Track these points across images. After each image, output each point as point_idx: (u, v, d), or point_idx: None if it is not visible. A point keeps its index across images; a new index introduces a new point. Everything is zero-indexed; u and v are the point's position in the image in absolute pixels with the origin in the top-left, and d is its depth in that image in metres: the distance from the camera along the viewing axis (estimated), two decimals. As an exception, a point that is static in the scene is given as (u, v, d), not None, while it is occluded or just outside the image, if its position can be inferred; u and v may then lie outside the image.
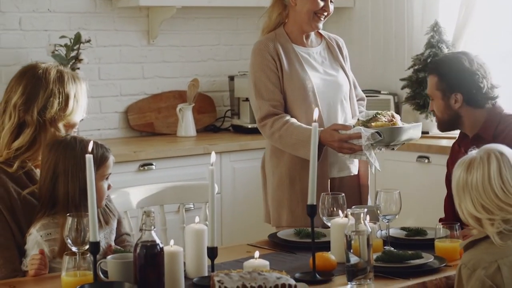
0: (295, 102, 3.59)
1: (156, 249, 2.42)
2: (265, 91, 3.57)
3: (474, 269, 2.48)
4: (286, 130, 3.50)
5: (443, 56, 3.64)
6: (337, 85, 3.67)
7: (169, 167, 4.79)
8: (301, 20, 3.62)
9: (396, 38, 5.70)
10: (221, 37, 5.73)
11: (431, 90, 3.46)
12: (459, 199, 2.54)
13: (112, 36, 5.26)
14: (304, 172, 3.54)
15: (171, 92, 5.51)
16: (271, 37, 3.65)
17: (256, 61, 3.61)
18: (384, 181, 5.01)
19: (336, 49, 3.75)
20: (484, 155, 2.53)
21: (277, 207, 3.66)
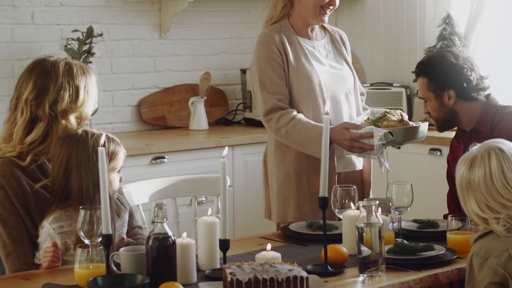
0: (301, 96, 3.55)
1: (168, 242, 2.43)
2: (271, 84, 3.52)
3: (485, 258, 2.49)
4: (294, 126, 3.46)
5: (427, 58, 3.67)
6: (342, 79, 3.65)
7: (181, 160, 4.81)
8: (307, 14, 3.58)
9: (408, 31, 5.69)
10: (233, 31, 5.73)
11: (423, 93, 3.48)
12: (463, 199, 2.55)
13: (124, 29, 5.27)
14: (311, 167, 3.53)
15: (183, 86, 5.52)
16: (276, 28, 3.59)
17: (262, 53, 3.55)
18: (396, 173, 5.01)
19: (339, 42, 3.72)
20: (485, 153, 2.53)
21: (283, 203, 3.61)
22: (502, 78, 5.18)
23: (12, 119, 2.95)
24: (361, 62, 5.97)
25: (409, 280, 2.57)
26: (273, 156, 3.65)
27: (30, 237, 2.85)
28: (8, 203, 2.84)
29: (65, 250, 2.79)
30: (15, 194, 2.85)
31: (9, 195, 2.85)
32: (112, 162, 2.87)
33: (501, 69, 5.18)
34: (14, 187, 2.85)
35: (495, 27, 5.20)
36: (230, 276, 2.33)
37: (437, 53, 3.59)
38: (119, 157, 2.90)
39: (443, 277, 2.64)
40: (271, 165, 3.67)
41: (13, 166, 2.88)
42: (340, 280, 2.59)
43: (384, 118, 3.45)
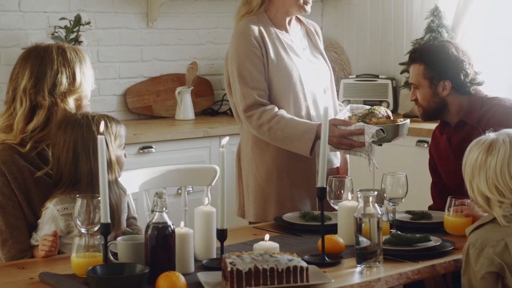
0: (281, 91, 3.44)
1: (167, 231, 2.42)
2: (250, 78, 3.40)
3: (482, 248, 2.52)
4: (278, 123, 3.36)
5: (427, 45, 3.64)
6: (319, 73, 3.57)
7: (169, 150, 4.79)
8: (289, 4, 3.47)
9: (395, 22, 5.69)
10: (220, 20, 5.71)
11: (416, 79, 3.43)
12: (472, 177, 2.57)
13: (112, 18, 5.24)
14: (291, 165, 3.47)
15: (170, 75, 5.50)
16: (253, 20, 3.46)
17: (241, 46, 3.41)
18: (384, 165, 5.01)
19: (315, 35, 3.64)
20: (507, 138, 2.57)
21: (263, 202, 3.52)
22: (489, 70, 5.19)
23: (10, 111, 2.93)
24: (347, 54, 5.97)
25: (407, 271, 2.57)
26: (250, 153, 3.54)
27: (27, 224, 2.84)
28: (7, 189, 2.83)
29: (67, 233, 2.79)
30: (15, 181, 2.83)
31: (8, 181, 2.83)
32: (118, 140, 2.92)
33: (488, 62, 5.19)
34: (14, 173, 2.84)
35: (482, 19, 5.22)
36: (230, 266, 2.32)
37: (438, 42, 3.57)
38: (121, 134, 2.95)
39: (441, 268, 2.65)
40: (247, 162, 3.57)
41: (13, 152, 2.86)
42: (338, 270, 2.58)
43: (371, 114, 3.41)
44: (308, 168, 3.48)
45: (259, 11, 3.50)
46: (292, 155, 3.44)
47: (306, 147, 3.34)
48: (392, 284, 2.52)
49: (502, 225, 2.55)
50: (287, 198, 3.49)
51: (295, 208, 3.42)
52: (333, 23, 6.00)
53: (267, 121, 3.37)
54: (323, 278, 2.43)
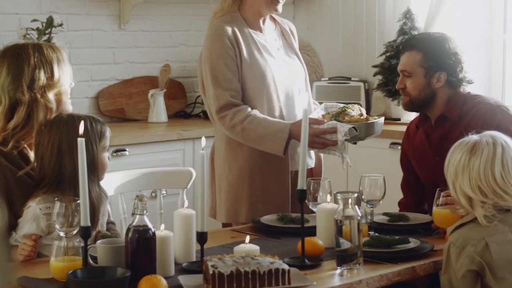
0: (255, 91, 3.42)
1: (148, 234, 2.40)
2: (223, 79, 3.38)
3: (463, 247, 2.54)
4: (250, 123, 3.34)
5: (426, 34, 3.53)
6: (294, 73, 3.55)
7: (142, 153, 4.76)
8: (259, 4, 3.45)
9: (367, 25, 5.71)
10: (192, 23, 5.69)
11: (411, 67, 3.33)
12: (455, 177, 2.59)
13: (84, 20, 5.20)
14: (264, 165, 3.45)
15: (142, 78, 5.47)
16: (227, 20, 3.43)
17: (214, 46, 3.39)
18: (357, 168, 5.03)
19: (290, 35, 3.62)
20: (490, 140, 2.59)
21: (234, 202, 3.49)
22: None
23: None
24: (319, 56, 5.98)
25: (387, 273, 2.57)
26: (223, 154, 3.52)
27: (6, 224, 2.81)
28: None
29: (48, 233, 2.76)
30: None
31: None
32: (102, 141, 2.91)
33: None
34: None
35: (454, 21, 5.25)
36: (212, 269, 2.31)
37: (436, 33, 3.46)
38: (106, 135, 2.93)
39: (420, 270, 2.66)
40: (220, 163, 3.55)
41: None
42: (318, 273, 2.58)
43: (344, 113, 3.39)
44: (280, 169, 3.47)
45: (233, 11, 3.48)
46: (265, 156, 3.43)
47: (279, 147, 3.33)
48: (373, 286, 2.53)
49: (483, 225, 2.57)
50: (259, 200, 3.47)
51: (267, 210, 3.40)
52: (305, 26, 6.00)
53: (240, 121, 3.35)
54: (304, 280, 2.42)
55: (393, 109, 5.25)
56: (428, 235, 3.01)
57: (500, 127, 2.95)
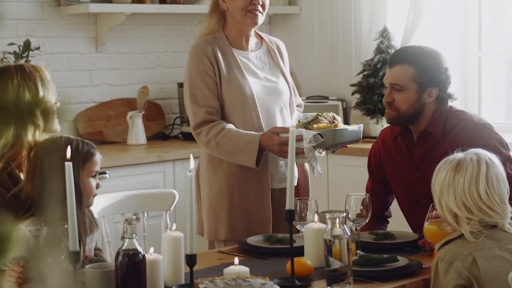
0: (233, 109, 3.45)
1: (138, 257, 2.39)
2: (201, 97, 3.43)
3: (451, 262, 2.55)
4: (224, 137, 3.37)
5: (417, 48, 3.44)
6: (277, 92, 3.56)
7: (122, 175, 4.73)
8: (238, 21, 3.48)
9: (343, 44, 5.73)
10: (169, 44, 5.69)
11: (404, 81, 3.27)
12: (441, 195, 2.60)
13: (60, 43, 5.18)
14: (242, 183, 3.46)
15: (120, 100, 5.45)
16: (209, 39, 3.50)
17: (193, 65, 3.46)
18: (337, 186, 5.04)
19: (276, 53, 3.63)
20: (474, 157, 2.60)
21: (214, 220, 3.51)
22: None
23: None
24: (296, 76, 5.99)
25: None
26: (205, 171, 3.55)
27: None
28: None
29: None
30: None
31: None
32: (87, 164, 2.86)
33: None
34: None
35: (430, 39, 5.28)
36: (203, 292, 2.30)
37: (429, 48, 3.40)
38: (94, 159, 2.89)
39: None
40: (203, 180, 3.57)
41: None
42: (309, 293, 2.58)
43: (315, 120, 3.37)
44: (260, 187, 3.47)
45: (216, 31, 3.52)
46: (244, 174, 3.44)
47: (251, 158, 3.35)
48: (364, 305, 2.52)
49: (470, 241, 2.58)
50: (239, 218, 3.48)
51: (247, 228, 3.42)
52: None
53: (214, 136, 3.38)
54: (296, 301, 2.41)
55: (371, 127, 5.26)
56: (414, 253, 3.01)
57: (487, 146, 2.95)
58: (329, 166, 5.09)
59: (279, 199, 3.46)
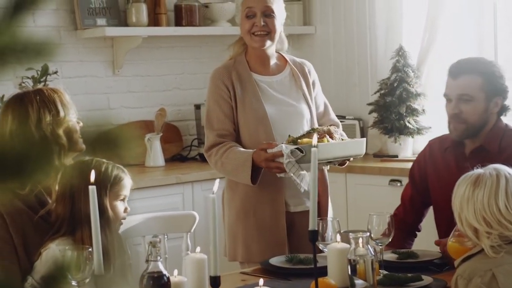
0: (247, 132, 3.49)
1: (163, 280, 2.39)
2: (216, 120, 3.49)
3: (470, 278, 2.54)
4: (227, 157, 3.42)
5: (481, 59, 3.38)
6: (297, 115, 3.56)
7: (141, 197, 4.73)
8: (248, 44, 3.55)
9: (359, 64, 5.74)
10: (185, 66, 5.71)
11: (473, 90, 3.21)
12: (460, 210, 2.60)
13: (77, 67, 5.21)
14: (258, 205, 3.48)
15: (137, 122, 5.47)
16: (228, 64, 3.57)
17: (210, 89, 3.55)
18: (357, 205, 5.03)
19: (300, 76, 3.63)
20: (494, 172, 2.60)
21: (233, 242, 3.56)
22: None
23: None
24: (313, 96, 5.99)
25: (403, 311, 2.56)
26: (226, 193, 3.62)
27: (20, 268, 2.79)
28: (4, 232, 2.80)
29: None
30: (13, 224, 2.81)
31: (6, 224, 2.80)
32: (115, 187, 2.86)
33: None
34: (13, 215, 2.81)
35: (446, 57, 5.28)
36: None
37: (488, 59, 3.36)
38: (123, 183, 2.89)
39: (435, 307, 2.65)
40: (224, 202, 3.64)
41: (12, 195, 2.81)
42: (334, 313, 2.57)
43: (305, 135, 3.34)
44: (275, 210, 3.48)
45: (239, 55, 3.59)
46: (259, 196, 3.46)
47: (247, 176, 3.37)
48: (390, 325, 2.51)
49: (489, 256, 2.57)
50: (254, 240, 3.49)
51: (262, 251, 3.43)
52: (298, 66, 6.02)
53: (220, 156, 3.44)
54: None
55: (389, 146, 5.26)
56: (438, 271, 3.00)
57: None
58: (348, 185, 5.08)
59: (299, 224, 3.49)
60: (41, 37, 0.97)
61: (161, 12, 5.38)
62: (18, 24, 0.97)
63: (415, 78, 5.18)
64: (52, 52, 0.97)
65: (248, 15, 3.50)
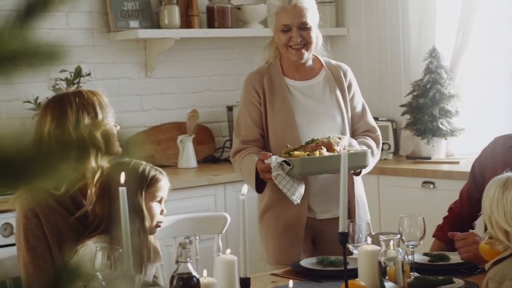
0: (276, 137, 3.49)
1: (192, 281, 2.39)
2: (244, 126, 3.52)
3: (501, 281, 2.52)
4: (243, 163, 3.45)
5: None
6: (327, 120, 3.52)
7: (174, 199, 4.72)
8: (283, 52, 3.53)
9: (392, 65, 5.71)
10: (218, 68, 5.72)
11: None
12: (490, 213, 2.58)
13: (111, 69, 5.24)
14: (281, 208, 3.47)
15: (170, 124, 5.49)
16: (263, 69, 3.57)
17: (242, 94, 3.58)
18: (389, 207, 5.01)
19: (334, 80, 3.58)
20: None
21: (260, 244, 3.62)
22: (488, 109, 5.22)
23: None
24: (345, 97, 5.98)
25: (434, 313, 2.55)
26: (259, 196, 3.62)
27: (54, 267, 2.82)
28: (39, 231, 2.82)
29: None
30: (48, 223, 2.83)
31: (41, 223, 2.82)
32: (152, 188, 2.88)
33: (487, 100, 5.23)
34: (48, 216, 2.83)
35: (480, 58, 5.25)
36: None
37: None
38: (160, 184, 2.91)
39: (467, 309, 2.63)
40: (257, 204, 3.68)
41: (48, 195, 2.85)
42: (364, 316, 2.56)
43: (303, 146, 3.30)
44: (297, 215, 3.49)
45: (274, 59, 3.59)
46: (281, 201, 3.45)
47: (253, 185, 3.40)
48: (421, 328, 2.50)
49: None
50: (271, 242, 3.53)
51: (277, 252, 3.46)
52: (330, 67, 6.01)
53: (239, 163, 3.48)
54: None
55: (422, 148, 5.23)
56: (470, 274, 2.97)
57: None
58: (381, 187, 5.06)
59: (325, 231, 3.50)
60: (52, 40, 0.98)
61: (193, 14, 5.40)
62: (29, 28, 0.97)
63: (448, 79, 5.15)
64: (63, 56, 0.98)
65: (283, 30, 3.47)
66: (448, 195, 3.61)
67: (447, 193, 4.38)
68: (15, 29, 0.93)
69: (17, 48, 0.95)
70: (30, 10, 0.95)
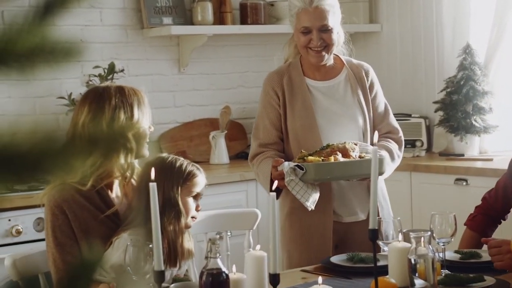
0: (295, 138, 3.43)
1: (222, 277, 2.40)
2: (262, 129, 3.46)
3: None
4: (259, 167, 3.41)
5: None
6: (349, 122, 3.45)
7: (205, 194, 4.72)
8: (302, 54, 3.46)
9: (425, 61, 5.69)
10: (250, 64, 5.73)
11: None
12: None
13: (144, 65, 5.26)
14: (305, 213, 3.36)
15: (202, 120, 5.51)
16: (282, 68, 3.50)
17: (261, 95, 3.52)
18: (421, 204, 4.99)
19: (356, 80, 3.50)
20: None
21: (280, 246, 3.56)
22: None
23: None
24: (378, 94, 5.96)
25: (464, 311, 2.53)
26: (280, 197, 3.55)
27: None
28: (66, 227, 2.84)
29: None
30: (76, 219, 2.85)
31: (69, 219, 2.84)
32: (188, 183, 2.89)
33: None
34: (75, 212, 2.85)
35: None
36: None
37: None
38: (196, 180, 2.92)
39: (498, 308, 2.61)
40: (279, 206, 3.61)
41: (74, 191, 2.87)
42: (393, 313, 2.55)
43: (318, 152, 3.24)
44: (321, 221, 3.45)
45: (295, 58, 3.52)
46: (295, 205, 3.41)
47: (267, 190, 3.34)
48: (451, 326, 2.49)
49: None
50: (297, 248, 3.49)
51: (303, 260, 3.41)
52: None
53: (256, 167, 3.44)
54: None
55: (455, 144, 5.20)
56: (501, 273, 2.95)
57: None
58: (413, 184, 5.04)
59: (349, 234, 3.46)
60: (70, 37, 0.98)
61: (226, 11, 5.41)
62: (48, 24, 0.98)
63: (482, 76, 5.12)
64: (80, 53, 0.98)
65: (303, 31, 3.39)
66: (481, 192, 3.58)
67: (480, 190, 4.33)
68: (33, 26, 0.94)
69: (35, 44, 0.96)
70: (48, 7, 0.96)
